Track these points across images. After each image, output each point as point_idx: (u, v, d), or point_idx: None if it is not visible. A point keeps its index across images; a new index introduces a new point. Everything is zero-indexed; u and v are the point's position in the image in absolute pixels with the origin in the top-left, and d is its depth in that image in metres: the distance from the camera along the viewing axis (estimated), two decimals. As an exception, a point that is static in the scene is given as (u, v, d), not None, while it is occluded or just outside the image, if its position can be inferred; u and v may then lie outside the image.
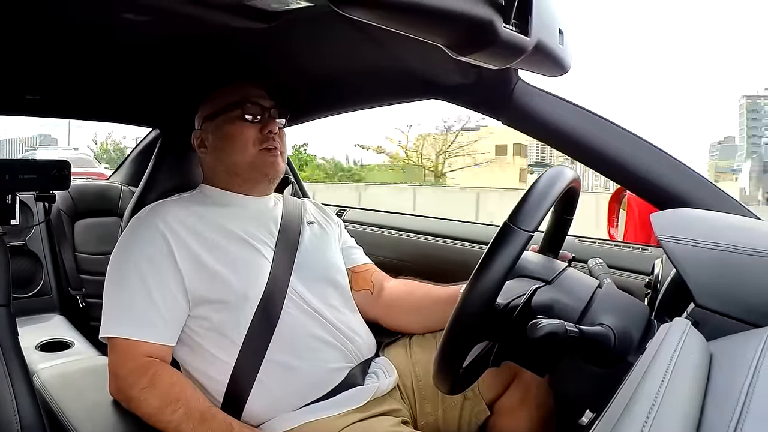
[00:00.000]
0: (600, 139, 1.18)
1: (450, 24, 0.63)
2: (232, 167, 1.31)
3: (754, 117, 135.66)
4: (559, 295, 0.95)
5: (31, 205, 2.15)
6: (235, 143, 1.29)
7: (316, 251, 1.35)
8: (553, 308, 0.93)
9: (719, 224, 0.94)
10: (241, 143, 1.29)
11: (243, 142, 1.29)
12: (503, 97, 1.23)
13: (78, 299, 2.19)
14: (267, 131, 1.30)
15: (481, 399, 1.25)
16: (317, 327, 1.21)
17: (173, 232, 1.19)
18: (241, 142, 1.29)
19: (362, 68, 1.41)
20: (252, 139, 1.29)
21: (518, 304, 0.92)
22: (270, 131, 1.30)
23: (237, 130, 1.29)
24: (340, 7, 0.55)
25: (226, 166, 1.32)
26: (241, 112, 1.29)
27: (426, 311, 1.33)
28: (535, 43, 0.75)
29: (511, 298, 0.95)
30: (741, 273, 0.79)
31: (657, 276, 1.01)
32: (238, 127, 1.29)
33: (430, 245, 1.84)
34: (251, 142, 1.29)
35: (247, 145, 1.29)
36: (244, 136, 1.29)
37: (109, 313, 1.16)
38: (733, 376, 0.53)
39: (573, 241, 1.46)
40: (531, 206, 0.87)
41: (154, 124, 2.24)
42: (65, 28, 1.11)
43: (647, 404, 0.48)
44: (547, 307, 0.93)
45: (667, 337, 0.62)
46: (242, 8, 1.00)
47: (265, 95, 1.34)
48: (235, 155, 1.30)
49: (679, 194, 1.12)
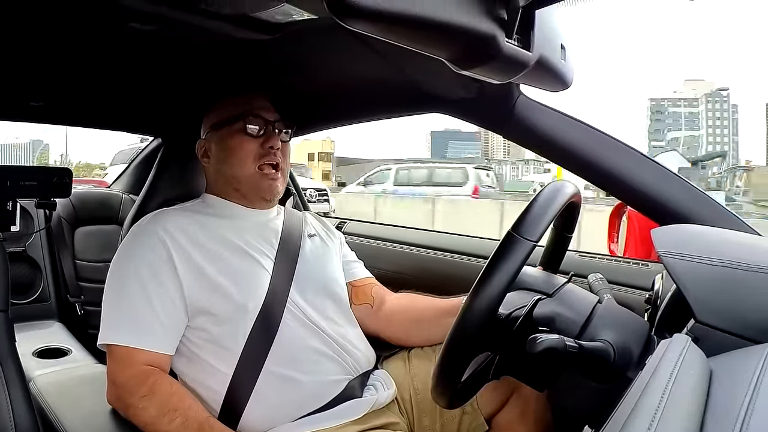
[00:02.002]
0: (601, 154, 1.18)
1: (452, 38, 0.63)
2: (231, 180, 1.31)
3: (658, 118, 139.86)
4: (561, 308, 0.94)
5: (31, 211, 2.15)
6: (235, 157, 1.29)
7: (316, 264, 1.35)
8: (555, 321, 0.92)
9: (720, 240, 0.94)
10: (240, 157, 1.29)
11: (243, 157, 1.29)
12: (505, 111, 1.24)
13: (77, 306, 2.19)
14: (269, 146, 1.29)
15: (479, 413, 1.24)
16: (315, 339, 1.21)
17: (174, 240, 1.19)
18: (241, 157, 1.29)
19: (364, 81, 1.42)
20: (253, 153, 1.28)
21: (520, 315, 0.92)
22: (272, 146, 1.29)
23: (238, 144, 1.29)
24: (343, 19, 0.55)
25: (226, 178, 1.32)
26: (243, 124, 1.29)
27: (427, 323, 1.33)
28: (537, 58, 0.75)
29: (512, 308, 0.94)
30: (741, 289, 0.79)
31: (657, 291, 1.01)
32: (238, 141, 1.29)
33: (430, 258, 1.84)
34: (251, 156, 1.28)
35: (247, 160, 1.28)
36: (245, 150, 1.28)
37: (108, 321, 1.16)
38: (733, 392, 0.53)
39: (573, 256, 1.46)
40: (534, 216, 0.88)
41: (156, 133, 2.25)
42: (71, 36, 1.12)
43: (646, 420, 0.48)
44: (549, 319, 0.93)
45: (666, 353, 0.62)
46: (246, 19, 1.01)
47: (269, 108, 1.34)
48: (234, 168, 1.30)
49: (680, 210, 1.12)
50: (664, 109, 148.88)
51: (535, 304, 0.93)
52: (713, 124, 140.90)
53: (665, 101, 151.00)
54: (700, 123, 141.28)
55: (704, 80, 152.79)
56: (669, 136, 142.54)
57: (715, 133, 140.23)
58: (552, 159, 1.25)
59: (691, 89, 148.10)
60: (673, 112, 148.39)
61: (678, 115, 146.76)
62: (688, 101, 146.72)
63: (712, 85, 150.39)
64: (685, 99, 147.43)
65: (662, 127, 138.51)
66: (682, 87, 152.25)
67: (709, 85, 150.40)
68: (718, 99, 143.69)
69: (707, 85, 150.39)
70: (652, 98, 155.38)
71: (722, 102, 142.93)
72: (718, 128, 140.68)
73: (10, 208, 1.47)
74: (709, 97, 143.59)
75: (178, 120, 1.52)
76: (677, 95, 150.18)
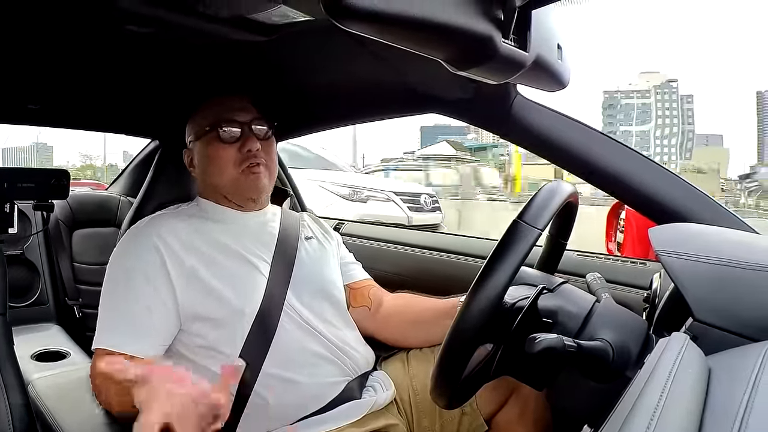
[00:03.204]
0: (598, 153, 1.18)
1: (449, 39, 0.63)
2: (217, 188, 1.31)
3: (610, 113, 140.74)
4: (563, 302, 0.95)
5: (29, 214, 2.14)
6: (215, 166, 1.29)
7: (313, 267, 1.34)
8: (558, 313, 0.93)
9: (717, 239, 0.94)
10: (220, 166, 1.28)
11: (222, 165, 1.28)
12: (502, 111, 1.24)
13: (75, 309, 2.18)
14: (246, 150, 1.27)
15: (479, 414, 1.24)
16: (313, 342, 1.21)
17: (167, 245, 1.19)
18: (221, 165, 1.28)
19: (362, 82, 1.42)
20: (232, 160, 1.28)
21: (524, 305, 0.92)
22: (249, 150, 1.27)
23: (215, 153, 1.28)
24: (339, 21, 0.55)
25: (212, 186, 1.32)
26: (216, 133, 1.28)
27: (424, 325, 1.33)
28: (533, 58, 0.75)
29: (516, 299, 0.95)
30: (739, 287, 0.79)
31: (655, 290, 1.01)
32: (215, 149, 1.28)
33: (428, 259, 1.83)
34: (231, 163, 1.28)
35: (227, 168, 1.28)
36: (223, 158, 1.28)
37: (101, 325, 1.16)
38: (732, 390, 0.53)
39: (571, 256, 1.46)
40: (539, 205, 0.89)
41: (153, 135, 2.24)
42: (69, 39, 1.12)
43: (646, 419, 0.48)
44: (552, 311, 0.93)
45: (665, 351, 0.62)
46: (243, 21, 1.01)
47: (245, 108, 1.32)
48: (215, 177, 1.30)
49: (677, 209, 1.12)
50: (617, 102, 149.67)
51: (539, 293, 0.93)
52: (662, 115, 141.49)
53: (618, 93, 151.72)
54: (651, 115, 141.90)
55: (659, 72, 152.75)
56: (621, 130, 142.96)
57: (664, 124, 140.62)
58: (549, 159, 1.25)
59: (645, 81, 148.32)
60: (625, 105, 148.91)
61: (631, 108, 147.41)
62: (641, 93, 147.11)
63: (666, 77, 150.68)
64: (638, 91, 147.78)
65: (615, 121, 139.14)
66: (638, 79, 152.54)
67: (664, 77, 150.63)
68: (667, 90, 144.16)
69: (662, 77, 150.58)
70: (605, 91, 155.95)
71: (671, 93, 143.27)
72: (668, 118, 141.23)
73: (8, 210, 1.47)
74: (658, 89, 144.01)
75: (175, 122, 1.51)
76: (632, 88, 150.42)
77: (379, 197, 6.41)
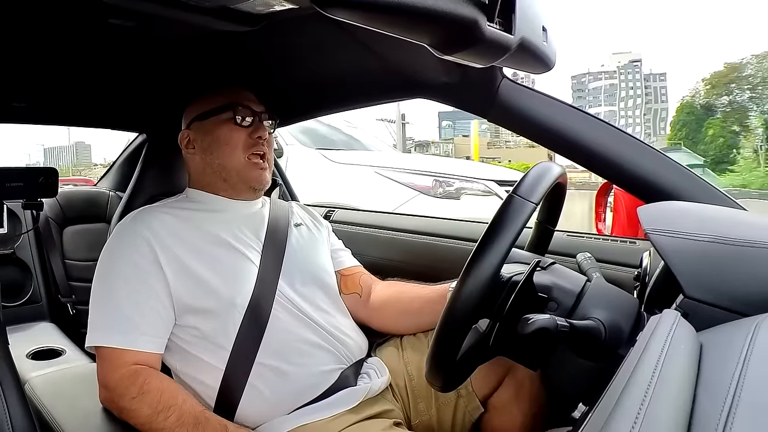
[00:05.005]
0: (585, 134, 1.19)
1: (434, 23, 0.63)
2: (219, 170, 1.31)
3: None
4: (557, 279, 0.97)
5: (18, 213, 2.13)
6: (225, 147, 1.29)
7: (303, 254, 1.35)
8: (552, 289, 0.94)
9: (705, 216, 0.95)
10: (230, 147, 1.29)
11: (232, 146, 1.29)
12: (488, 95, 1.24)
13: (68, 306, 2.18)
14: (257, 136, 1.29)
15: (474, 396, 1.25)
16: (307, 330, 1.21)
17: (158, 238, 1.19)
18: (231, 146, 1.29)
19: (348, 69, 1.41)
20: (241, 143, 1.29)
21: (519, 280, 0.93)
22: (260, 137, 1.30)
23: (227, 134, 1.29)
24: (323, 8, 0.55)
25: (214, 168, 1.31)
26: (231, 114, 1.29)
27: (415, 313, 1.34)
28: (519, 41, 0.75)
29: (512, 273, 0.96)
30: (728, 264, 0.80)
31: (645, 269, 1.02)
32: (227, 131, 1.29)
33: (419, 244, 1.84)
34: (240, 146, 1.29)
35: (236, 150, 1.29)
36: (234, 140, 1.28)
37: (94, 322, 1.15)
38: (723, 365, 0.54)
39: (561, 236, 1.47)
40: (533, 179, 0.91)
41: (140, 129, 2.22)
42: (52, 35, 1.11)
43: (639, 395, 0.49)
44: (547, 287, 0.95)
45: (657, 328, 0.63)
46: (227, 12, 1.00)
47: (255, 99, 1.34)
48: (223, 158, 1.29)
49: (665, 187, 1.13)
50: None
51: (535, 266, 0.94)
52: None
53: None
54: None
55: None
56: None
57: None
58: (537, 141, 1.26)
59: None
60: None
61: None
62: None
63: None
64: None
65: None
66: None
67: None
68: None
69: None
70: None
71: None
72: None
73: (-3, 209, 1.46)
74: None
75: (163, 115, 1.50)
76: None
77: (475, 189, 4.25)
